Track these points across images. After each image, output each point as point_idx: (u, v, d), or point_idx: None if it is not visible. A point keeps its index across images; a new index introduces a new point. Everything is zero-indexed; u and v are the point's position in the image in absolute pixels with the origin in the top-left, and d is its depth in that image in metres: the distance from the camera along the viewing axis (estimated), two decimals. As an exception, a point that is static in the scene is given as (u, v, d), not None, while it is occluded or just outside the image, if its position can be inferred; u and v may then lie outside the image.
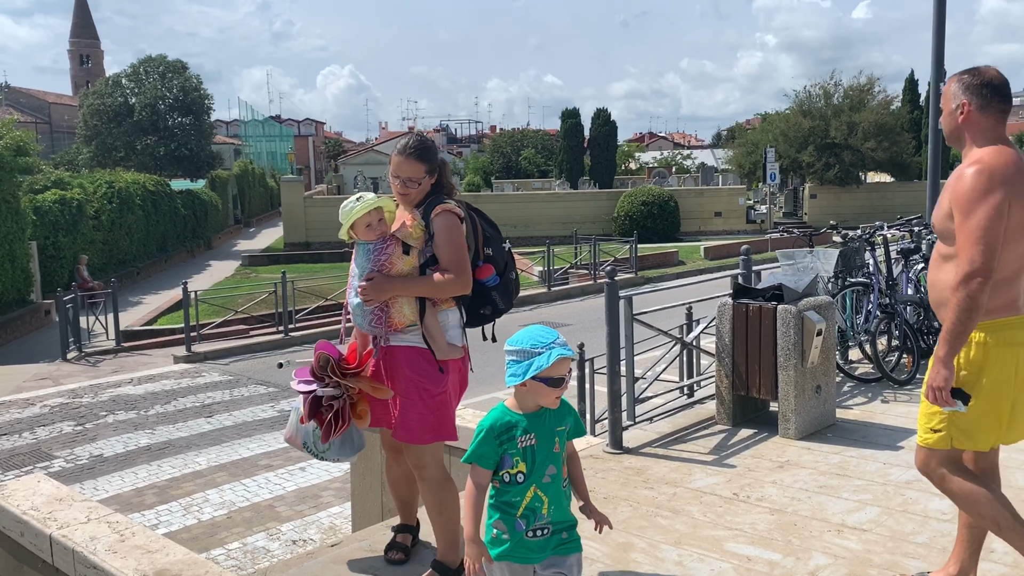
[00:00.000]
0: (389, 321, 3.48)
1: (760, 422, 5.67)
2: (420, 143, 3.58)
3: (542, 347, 2.64)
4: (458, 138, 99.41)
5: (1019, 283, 3.02)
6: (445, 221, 3.48)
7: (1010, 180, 2.89)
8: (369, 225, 3.51)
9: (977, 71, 3.06)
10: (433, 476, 3.53)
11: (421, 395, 3.45)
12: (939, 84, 10.48)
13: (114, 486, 8.46)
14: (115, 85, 42.51)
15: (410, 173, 3.52)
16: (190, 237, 36.03)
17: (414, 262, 3.50)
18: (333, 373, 3.51)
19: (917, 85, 42.45)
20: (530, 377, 2.62)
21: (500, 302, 3.66)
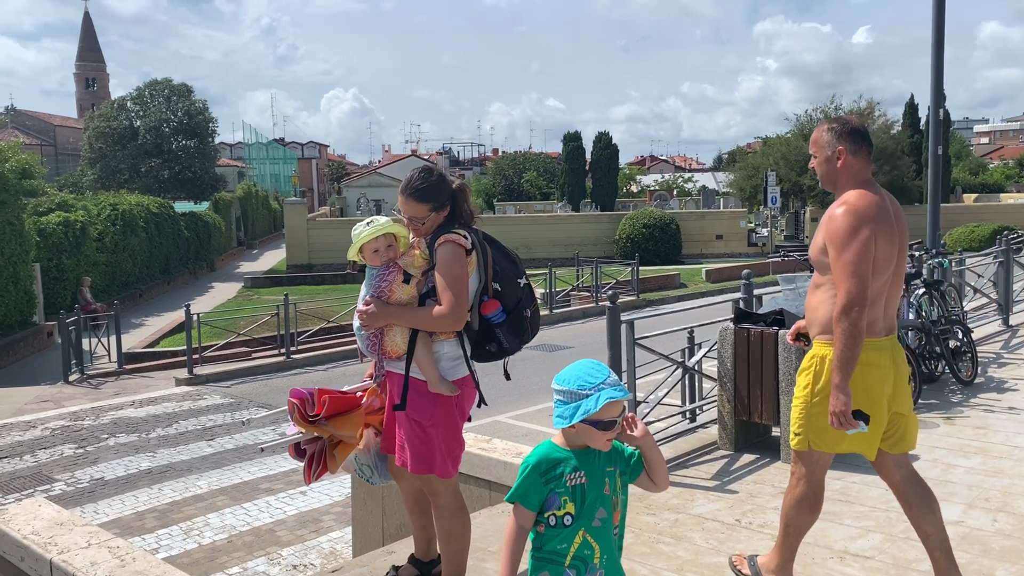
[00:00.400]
0: (382, 348, 3.49)
1: (762, 447, 5.66)
2: (422, 182, 3.47)
3: (590, 388, 2.44)
4: (461, 161, 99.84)
5: (876, 308, 3.35)
6: (446, 252, 3.40)
7: (874, 219, 3.27)
8: (376, 250, 3.49)
9: (843, 120, 3.47)
10: (446, 504, 3.51)
11: (411, 426, 3.42)
12: (939, 109, 10.55)
13: (115, 510, 8.44)
14: (120, 108, 42.80)
15: (412, 212, 3.47)
16: (193, 259, 36.11)
17: (413, 292, 3.46)
18: (297, 422, 3.58)
19: (917, 109, 42.65)
20: (578, 421, 2.43)
21: (506, 340, 3.50)
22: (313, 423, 3.58)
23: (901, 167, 37.53)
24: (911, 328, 7.14)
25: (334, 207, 49.30)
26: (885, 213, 3.31)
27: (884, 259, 3.28)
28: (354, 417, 3.66)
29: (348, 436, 3.63)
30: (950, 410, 6.53)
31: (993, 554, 4.04)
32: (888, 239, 3.29)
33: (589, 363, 2.52)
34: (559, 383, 2.50)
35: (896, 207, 3.42)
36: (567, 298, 22.82)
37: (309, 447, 3.67)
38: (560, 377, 2.51)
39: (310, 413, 3.57)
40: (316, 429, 3.59)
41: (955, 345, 7.37)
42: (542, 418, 11.25)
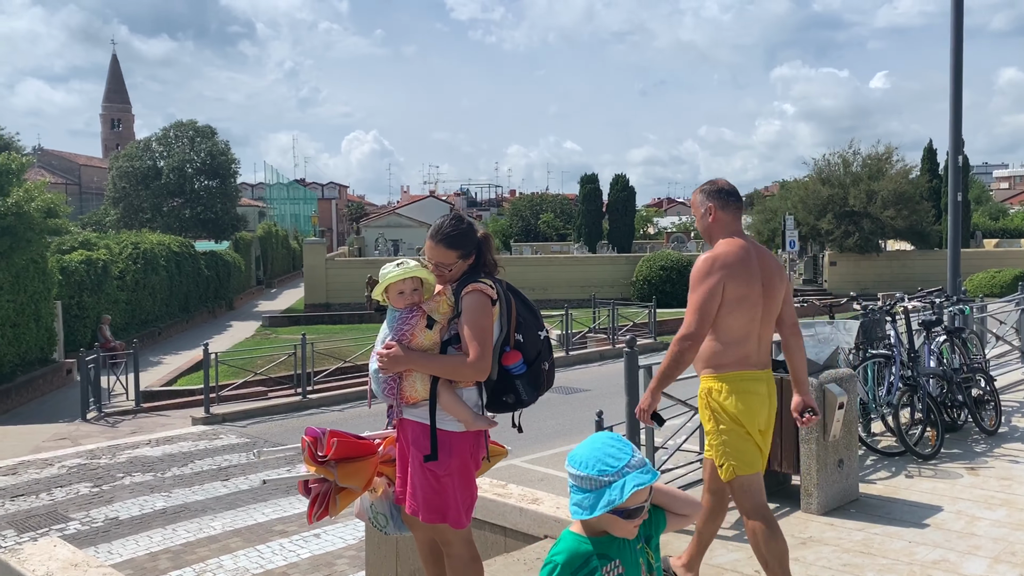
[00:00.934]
0: (401, 394, 3.43)
1: (782, 496, 5.58)
2: (453, 229, 3.47)
3: (613, 474, 2.11)
4: (478, 201, 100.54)
5: (748, 344, 3.79)
6: (473, 301, 3.39)
7: (729, 265, 3.75)
8: (402, 292, 3.46)
9: (712, 182, 3.98)
10: (458, 555, 3.47)
11: (425, 474, 3.38)
12: (958, 155, 10.54)
13: (128, 550, 8.40)
14: (145, 148, 43.54)
15: (441, 258, 3.46)
16: (212, 298, 36.38)
17: (436, 338, 3.43)
18: (307, 462, 3.56)
19: (936, 154, 42.68)
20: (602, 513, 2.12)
21: (524, 392, 3.49)
22: (321, 464, 3.55)
23: (920, 212, 37.41)
24: (932, 376, 7.07)
25: (352, 247, 49.64)
26: (744, 261, 3.78)
27: (739, 299, 3.74)
28: (365, 466, 3.62)
29: (353, 487, 3.60)
30: (973, 460, 6.43)
31: (1021, 611, 3.95)
32: (743, 283, 3.74)
33: (608, 440, 2.20)
34: (575, 467, 2.17)
35: (763, 254, 3.91)
36: (583, 340, 22.75)
37: (316, 487, 3.66)
38: (575, 459, 2.18)
39: (319, 453, 3.55)
40: (323, 471, 3.57)
41: (978, 393, 7.27)
42: (557, 462, 11.16)
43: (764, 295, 3.81)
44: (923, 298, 7.94)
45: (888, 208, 36.20)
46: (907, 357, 6.91)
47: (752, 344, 3.79)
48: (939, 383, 7.15)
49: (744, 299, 3.74)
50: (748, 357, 3.79)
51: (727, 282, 3.71)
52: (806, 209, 37.77)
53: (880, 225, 36.69)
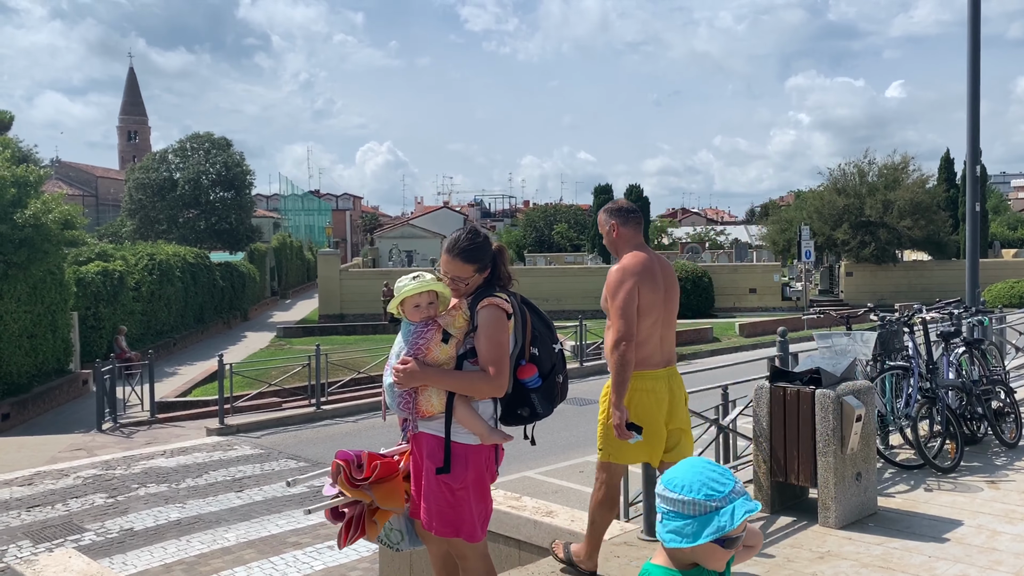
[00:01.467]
0: (416, 408, 3.40)
1: (799, 510, 5.52)
2: (469, 243, 3.46)
3: (720, 499, 1.97)
4: (492, 212, 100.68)
5: (648, 346, 4.18)
6: (489, 316, 3.38)
7: (638, 273, 4.14)
8: (417, 306, 3.44)
9: (615, 202, 4.40)
10: (474, 568, 3.45)
11: (440, 488, 3.36)
12: (976, 165, 10.46)
13: (143, 561, 8.41)
14: (161, 160, 43.89)
15: (457, 272, 3.45)
16: (227, 308, 36.54)
17: (452, 352, 3.40)
18: (343, 485, 3.50)
19: (953, 164, 42.43)
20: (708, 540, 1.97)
21: (539, 406, 3.51)
22: (357, 487, 3.52)
23: (937, 222, 37.16)
24: (951, 388, 6.98)
25: (366, 258, 49.79)
26: (650, 269, 4.18)
27: (648, 304, 4.14)
28: (397, 485, 3.60)
29: (395, 508, 3.57)
30: (994, 473, 6.33)
31: (1045, 628, 3.87)
32: (651, 288, 4.14)
33: (707, 464, 2.07)
34: (677, 491, 2.00)
35: (664, 264, 4.31)
36: (598, 351, 22.67)
37: (348, 510, 3.61)
38: (676, 483, 2.01)
39: (357, 477, 3.51)
40: (359, 494, 3.53)
41: (998, 406, 7.18)
42: (572, 474, 11.10)
43: (665, 300, 4.26)
44: (941, 309, 7.86)
45: (905, 218, 35.98)
46: (925, 369, 6.83)
47: (654, 344, 4.21)
48: (958, 395, 7.05)
49: (651, 304, 4.16)
50: (651, 356, 4.20)
51: (640, 288, 4.13)
52: (821, 219, 37.59)
53: (897, 235, 36.46)
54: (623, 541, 5.07)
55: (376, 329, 31.22)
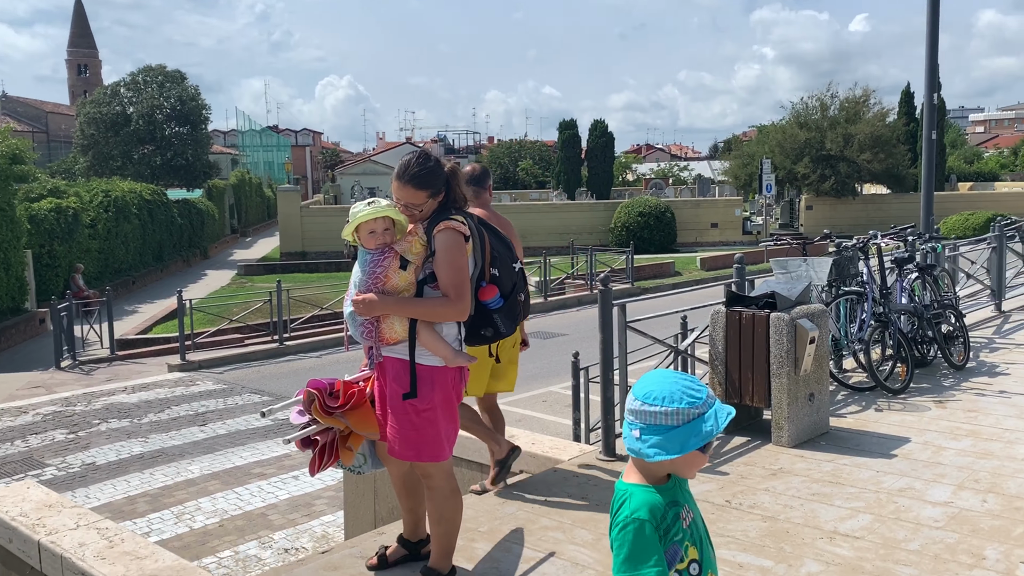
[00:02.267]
0: (380, 335, 3.39)
1: (753, 430, 5.66)
2: (420, 168, 3.39)
3: (701, 404, 1.96)
4: (456, 149, 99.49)
5: None
6: (447, 239, 3.33)
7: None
8: (372, 232, 3.38)
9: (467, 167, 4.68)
10: (439, 487, 3.49)
11: (406, 411, 3.36)
12: (933, 94, 10.53)
13: (106, 494, 8.42)
14: (113, 94, 42.53)
15: (409, 198, 3.39)
16: (186, 246, 35.99)
17: (411, 278, 3.37)
18: (316, 413, 3.50)
19: (913, 97, 42.66)
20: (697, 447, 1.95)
21: (503, 325, 3.52)
22: (331, 415, 3.52)
23: (896, 155, 37.50)
24: (903, 312, 7.14)
25: (328, 195, 49.13)
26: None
27: None
28: (368, 411, 3.61)
29: (371, 434, 3.59)
30: (942, 394, 6.54)
31: (982, 534, 4.05)
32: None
33: (677, 375, 2.04)
34: (659, 404, 1.95)
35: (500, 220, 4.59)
36: (562, 286, 22.80)
37: (320, 437, 3.62)
38: (655, 396, 1.97)
39: (331, 405, 3.52)
40: (332, 421, 3.54)
41: (947, 330, 7.37)
42: (536, 404, 11.25)
43: None
44: (896, 235, 7.98)
45: (865, 151, 36.25)
46: (879, 294, 6.97)
47: None
48: (910, 319, 7.22)
49: None
50: None
51: None
52: (783, 153, 37.74)
53: (856, 169, 36.78)
54: (583, 462, 5.17)
55: (339, 267, 30.97)
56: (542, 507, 4.47)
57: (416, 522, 3.82)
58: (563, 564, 3.81)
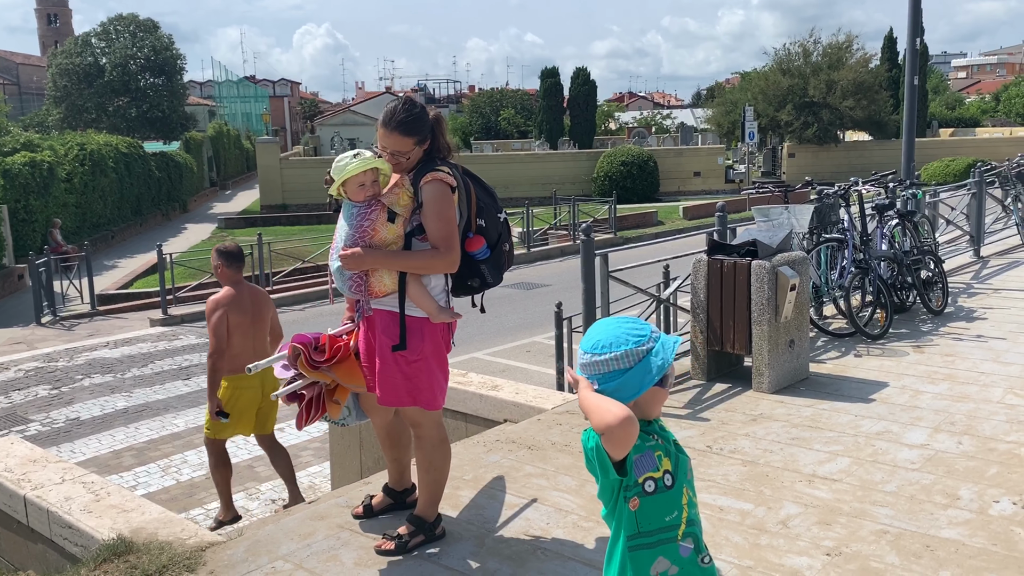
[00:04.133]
0: (369, 289, 3.35)
1: (734, 377, 5.72)
2: (407, 115, 3.32)
3: (647, 340, 1.97)
4: (436, 98, 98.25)
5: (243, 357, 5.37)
6: (434, 191, 3.28)
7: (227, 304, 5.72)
8: (362, 185, 3.31)
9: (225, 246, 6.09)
10: (428, 436, 3.50)
11: (396, 361, 3.35)
12: (915, 41, 10.47)
13: (91, 449, 8.43)
14: (84, 44, 41.50)
15: (396, 146, 3.31)
16: (165, 200, 35.56)
17: (399, 231, 3.31)
18: (303, 367, 3.49)
19: (896, 43, 42.43)
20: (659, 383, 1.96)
21: (489, 276, 3.48)
22: (317, 369, 3.51)
23: (878, 102, 37.41)
24: (884, 259, 7.19)
25: (307, 146, 48.57)
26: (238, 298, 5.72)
27: (236, 325, 5.68)
28: (353, 364, 3.58)
29: (358, 387, 3.58)
30: (920, 339, 6.62)
31: (957, 475, 4.14)
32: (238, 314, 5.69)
33: (617, 319, 2.05)
34: (607, 351, 1.96)
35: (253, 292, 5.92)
36: (544, 236, 22.77)
37: (307, 391, 3.62)
38: (601, 344, 1.98)
39: (317, 359, 3.50)
40: (319, 375, 3.53)
41: (926, 275, 7.44)
42: (519, 354, 11.31)
43: (253, 320, 5.76)
44: (877, 182, 8.00)
45: (847, 98, 36.12)
46: (860, 241, 7.01)
47: (248, 355, 5.40)
48: (890, 265, 7.28)
49: (238, 325, 5.66)
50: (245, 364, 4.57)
51: (228, 315, 5.62)
52: (766, 100, 37.55)
53: (839, 115, 36.68)
54: (565, 410, 5.22)
55: (320, 219, 30.74)
56: (526, 455, 4.53)
57: (401, 471, 3.85)
58: (547, 510, 3.86)
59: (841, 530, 3.61)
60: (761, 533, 3.60)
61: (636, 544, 1.99)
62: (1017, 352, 6.17)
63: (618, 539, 2.02)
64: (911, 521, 3.67)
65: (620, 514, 2.00)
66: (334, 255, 3.40)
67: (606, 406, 1.88)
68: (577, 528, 3.69)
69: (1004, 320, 7.08)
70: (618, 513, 2.00)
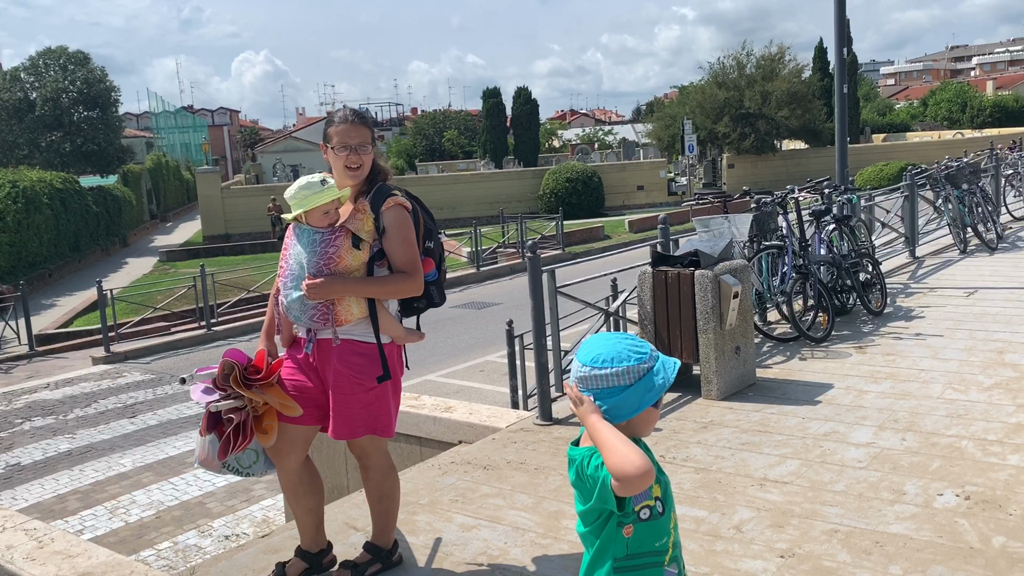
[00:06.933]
0: (335, 318, 3.24)
1: (684, 386, 5.79)
2: (358, 111, 3.42)
3: (648, 358, 1.94)
4: (379, 121, 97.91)
5: None
6: (398, 216, 3.28)
7: None
8: (327, 212, 3.25)
9: None
10: (377, 465, 3.43)
11: (355, 390, 3.27)
12: (843, 51, 10.78)
13: (34, 494, 8.16)
14: (13, 80, 40.50)
15: (361, 138, 3.29)
16: (104, 235, 34.75)
17: (364, 257, 3.25)
18: (236, 384, 3.21)
19: (826, 52, 43.59)
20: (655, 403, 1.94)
21: (436, 296, 3.49)
22: (249, 388, 3.23)
23: (812, 111, 38.41)
24: (823, 263, 7.35)
25: (249, 174, 47.97)
26: None
27: None
28: (281, 390, 3.33)
29: (292, 408, 3.26)
30: (861, 340, 6.79)
31: (902, 470, 4.24)
32: None
33: (617, 335, 2.03)
34: (604, 365, 1.93)
35: None
36: (494, 255, 22.81)
37: (233, 417, 3.25)
38: (598, 358, 1.94)
39: (251, 377, 3.24)
40: (251, 394, 3.22)
41: (865, 278, 7.63)
42: (473, 374, 11.29)
43: None
44: (813, 188, 8.20)
45: (782, 108, 37.04)
46: (799, 246, 7.17)
47: None
48: (829, 269, 7.45)
49: None
50: None
51: None
52: (704, 113, 38.31)
53: (775, 125, 37.58)
54: (520, 428, 5.22)
55: (264, 247, 30.35)
56: (482, 475, 4.51)
57: (316, 525, 3.50)
58: (504, 529, 3.85)
59: (793, 531, 3.67)
60: (716, 539, 3.64)
61: (623, 567, 1.97)
62: (954, 348, 6.36)
63: (603, 562, 1.98)
64: (860, 519, 3.74)
65: (609, 538, 1.97)
66: (290, 284, 3.28)
67: (625, 451, 1.84)
68: (535, 545, 3.68)
69: (940, 318, 7.29)
70: (605, 536, 1.97)
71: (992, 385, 5.44)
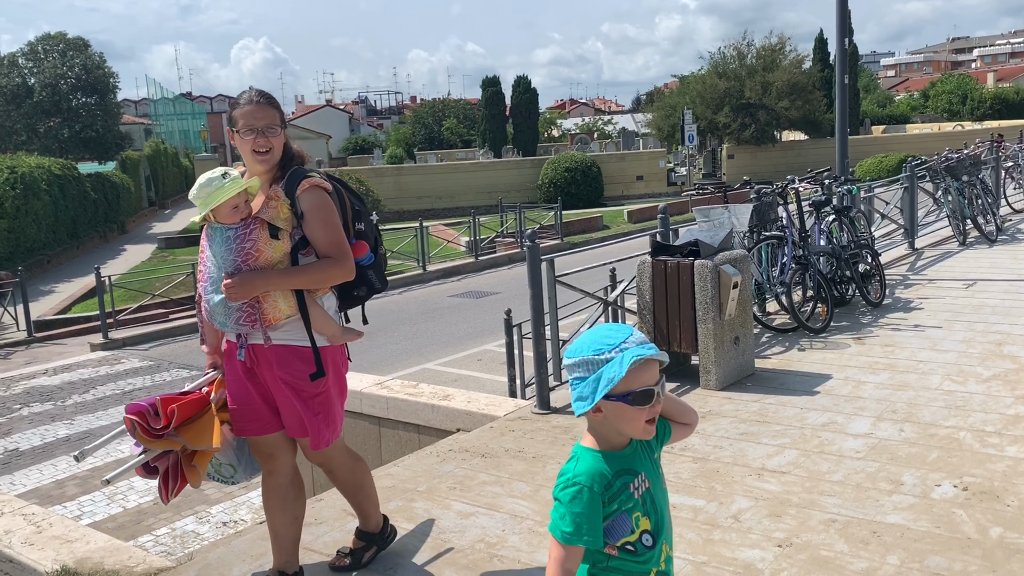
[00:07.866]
0: (263, 318, 3.03)
1: (682, 376, 5.79)
2: (263, 92, 3.17)
3: (609, 350, 1.86)
4: (378, 110, 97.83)
5: None
6: (316, 198, 3.05)
7: None
8: (236, 207, 3.03)
9: None
10: (342, 463, 3.34)
11: (299, 396, 3.10)
12: (844, 42, 10.76)
13: (32, 480, 8.17)
14: (11, 65, 40.34)
15: (268, 120, 3.08)
16: (102, 222, 34.69)
17: (285, 247, 3.04)
18: (143, 439, 3.10)
19: (827, 44, 43.50)
20: (602, 397, 1.85)
21: (376, 281, 3.28)
22: (160, 437, 3.12)
23: (812, 102, 38.33)
24: (822, 254, 7.35)
25: (249, 162, 47.79)
26: None
27: None
28: (206, 422, 3.22)
29: (207, 447, 3.17)
30: (860, 331, 6.79)
31: (900, 461, 4.24)
32: None
33: (606, 326, 1.99)
34: (570, 355, 1.93)
35: None
36: (492, 245, 22.79)
37: (160, 463, 3.20)
38: (572, 349, 1.95)
39: (155, 427, 3.11)
40: (165, 443, 3.14)
41: (864, 269, 7.63)
42: (470, 363, 11.29)
43: None
44: (813, 179, 8.19)
45: (783, 99, 36.94)
46: (799, 237, 7.16)
47: None
48: (829, 260, 7.45)
49: None
50: None
51: None
52: (704, 103, 38.20)
53: (775, 116, 37.49)
54: (518, 416, 5.23)
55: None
56: (480, 463, 4.52)
57: (295, 539, 3.40)
58: (502, 517, 3.86)
59: (791, 521, 3.67)
60: (714, 528, 3.65)
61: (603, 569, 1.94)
62: (953, 340, 6.36)
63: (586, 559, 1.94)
64: (858, 509, 3.75)
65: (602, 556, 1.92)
66: (210, 288, 3.09)
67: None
68: (533, 533, 3.69)
69: (939, 309, 7.30)
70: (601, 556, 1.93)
71: (990, 377, 5.45)
